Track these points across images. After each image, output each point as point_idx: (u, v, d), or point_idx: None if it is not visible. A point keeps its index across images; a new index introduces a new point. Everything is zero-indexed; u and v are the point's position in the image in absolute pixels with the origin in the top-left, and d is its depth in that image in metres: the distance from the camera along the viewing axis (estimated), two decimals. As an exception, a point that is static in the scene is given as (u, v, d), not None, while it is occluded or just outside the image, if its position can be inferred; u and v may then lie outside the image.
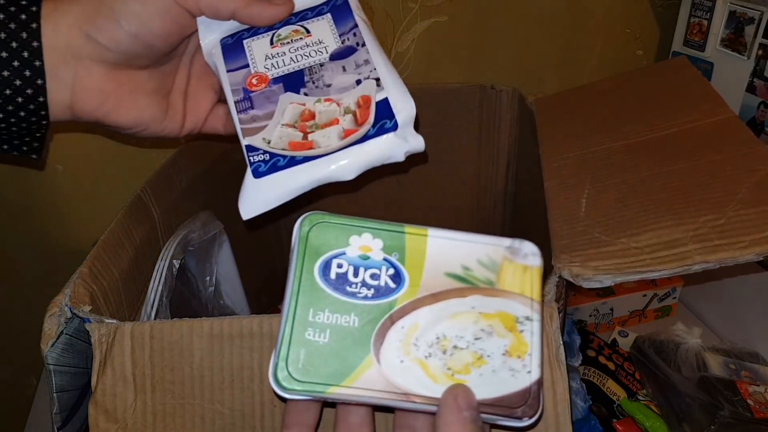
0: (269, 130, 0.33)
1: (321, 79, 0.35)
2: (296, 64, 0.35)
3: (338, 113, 0.33)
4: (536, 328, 0.27)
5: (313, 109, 0.34)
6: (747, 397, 0.54)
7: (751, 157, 0.38)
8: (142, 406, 0.31)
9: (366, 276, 0.27)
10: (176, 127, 0.39)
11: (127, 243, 0.41)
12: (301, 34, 0.36)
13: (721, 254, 0.31)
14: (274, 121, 0.34)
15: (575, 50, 0.82)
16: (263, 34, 0.37)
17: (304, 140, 0.33)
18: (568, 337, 0.57)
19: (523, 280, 0.28)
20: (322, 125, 0.33)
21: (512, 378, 0.26)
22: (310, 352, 0.26)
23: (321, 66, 0.35)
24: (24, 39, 0.32)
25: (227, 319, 0.31)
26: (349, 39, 0.36)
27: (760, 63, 0.67)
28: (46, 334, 0.32)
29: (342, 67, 0.35)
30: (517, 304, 0.27)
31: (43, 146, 0.37)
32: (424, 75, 0.77)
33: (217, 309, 0.55)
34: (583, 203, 0.38)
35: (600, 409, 0.56)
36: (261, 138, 0.33)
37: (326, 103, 0.34)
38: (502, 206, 0.65)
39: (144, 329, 0.31)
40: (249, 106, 0.34)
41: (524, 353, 0.26)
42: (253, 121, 0.34)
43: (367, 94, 0.34)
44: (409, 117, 0.33)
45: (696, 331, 0.60)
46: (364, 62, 0.35)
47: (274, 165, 0.32)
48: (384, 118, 0.33)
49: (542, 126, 0.51)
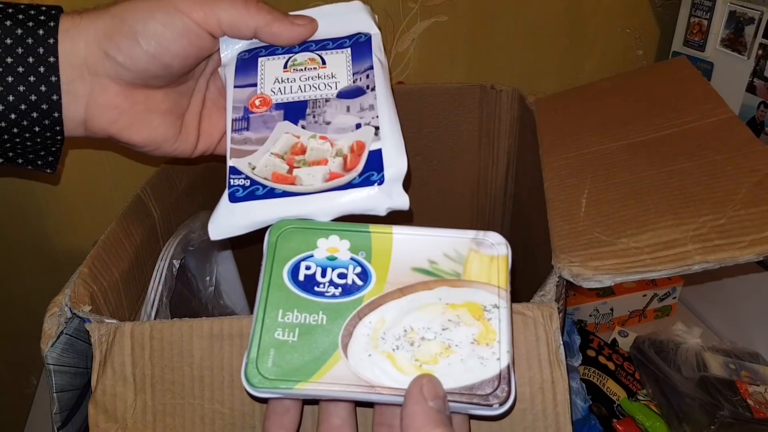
0: (257, 156, 0.33)
1: (322, 115, 0.34)
2: (302, 94, 0.35)
3: (329, 154, 0.32)
4: (504, 315, 0.27)
5: (305, 144, 0.33)
6: (747, 397, 0.54)
7: (751, 157, 0.38)
8: (142, 406, 0.31)
9: (333, 275, 0.28)
10: (189, 147, 0.39)
11: (127, 243, 0.41)
12: (317, 64, 0.36)
13: (721, 254, 0.31)
14: (265, 147, 0.33)
15: (575, 50, 0.82)
16: (280, 55, 0.36)
17: (288, 174, 0.32)
18: (568, 337, 0.57)
19: (489, 270, 0.28)
20: (310, 162, 0.32)
21: (481, 366, 0.26)
22: (279, 351, 0.26)
23: (326, 101, 0.34)
24: (40, 54, 0.32)
25: (227, 319, 0.31)
26: (362, 79, 0.35)
27: (760, 63, 0.67)
28: (46, 334, 0.32)
29: (347, 107, 0.34)
30: (484, 292, 0.28)
31: (58, 161, 0.36)
32: (424, 75, 0.77)
33: (217, 309, 0.55)
34: (583, 203, 0.38)
35: (600, 409, 0.56)
36: (247, 162, 0.32)
37: (320, 140, 0.33)
38: (502, 206, 0.65)
39: (144, 329, 0.31)
40: (245, 127, 0.34)
41: (493, 341, 0.26)
42: (245, 143, 0.33)
43: (363, 141, 0.33)
44: (399, 174, 0.32)
45: (696, 331, 0.60)
46: (369, 107, 0.34)
47: (252, 192, 0.31)
48: (372, 170, 0.31)
49: (542, 126, 0.51)
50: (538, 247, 0.43)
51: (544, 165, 0.45)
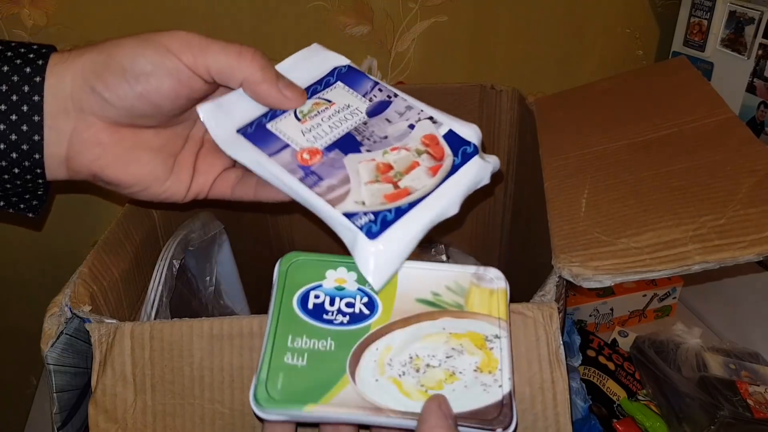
0: (356, 193, 0.30)
1: (373, 135, 0.33)
2: (339, 130, 0.33)
3: (413, 156, 0.32)
4: (505, 344, 0.28)
5: (385, 161, 0.32)
6: (747, 397, 0.53)
7: (751, 157, 0.38)
8: (142, 406, 0.31)
9: (342, 304, 0.29)
10: (181, 190, 0.36)
11: (127, 243, 0.41)
12: (325, 105, 0.35)
13: (721, 254, 0.31)
14: (354, 183, 0.31)
15: (575, 50, 0.82)
16: (283, 114, 0.34)
17: (397, 189, 0.31)
18: (568, 337, 0.57)
19: (490, 303, 0.30)
20: (404, 171, 0.31)
21: (484, 392, 0.27)
22: (288, 375, 0.27)
23: (365, 125, 0.34)
24: (25, 92, 0.31)
25: (227, 319, 0.31)
26: (377, 95, 0.35)
27: (760, 63, 0.67)
28: (46, 334, 0.32)
29: (386, 120, 0.34)
30: (485, 324, 0.29)
31: (42, 205, 0.35)
32: (424, 75, 0.77)
33: (217, 309, 0.55)
34: (583, 203, 0.38)
35: (600, 409, 0.56)
36: (353, 202, 0.30)
37: (394, 152, 0.32)
38: (502, 206, 0.65)
39: (144, 329, 0.31)
40: (318, 179, 0.31)
41: (495, 368, 0.27)
42: (333, 191, 0.31)
43: (429, 133, 0.33)
44: (479, 138, 0.33)
45: (696, 331, 0.60)
46: (407, 108, 0.34)
47: (384, 221, 0.29)
48: (462, 145, 0.33)
49: (542, 126, 0.51)
50: (538, 247, 0.43)
51: (544, 165, 0.45)
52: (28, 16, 0.62)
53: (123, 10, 0.65)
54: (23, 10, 0.62)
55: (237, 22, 0.68)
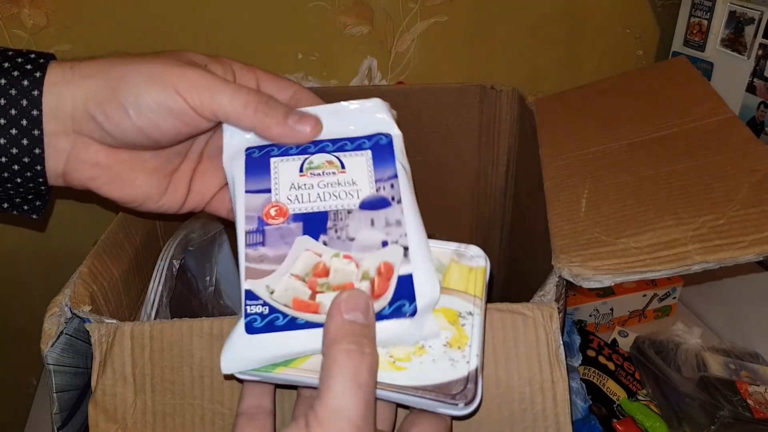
0: (275, 278, 0.29)
1: (345, 229, 0.30)
2: (322, 203, 0.31)
3: (355, 276, 0.29)
4: (477, 321, 0.28)
5: (329, 265, 0.29)
6: (747, 397, 0.54)
7: (751, 157, 0.38)
8: (142, 406, 0.31)
9: None
10: (175, 205, 0.36)
11: (127, 243, 0.41)
12: (335, 168, 0.32)
13: (721, 254, 0.31)
14: (284, 267, 0.29)
15: (575, 50, 0.82)
16: (294, 156, 0.33)
17: (311, 300, 0.28)
18: (568, 337, 0.57)
19: (467, 280, 0.30)
20: (334, 286, 0.29)
21: (451, 367, 0.27)
22: None
23: (348, 213, 0.31)
24: (24, 107, 0.30)
25: (227, 319, 0.31)
26: (385, 189, 0.32)
27: (760, 63, 0.67)
28: (46, 334, 0.32)
29: (371, 220, 0.31)
30: (460, 300, 0.29)
31: (45, 206, 0.35)
32: (424, 75, 0.77)
33: (217, 309, 0.55)
34: (583, 203, 0.38)
35: (600, 409, 0.56)
36: (265, 285, 0.29)
37: (345, 260, 0.30)
38: (502, 206, 0.65)
39: (144, 329, 0.31)
40: (260, 242, 0.30)
41: (465, 345, 0.28)
42: (261, 261, 0.30)
43: (391, 263, 0.29)
44: (431, 303, 0.29)
45: (696, 331, 0.60)
46: (396, 222, 0.31)
47: (271, 323, 0.28)
48: (403, 299, 0.28)
49: (542, 126, 0.51)
50: (538, 247, 0.43)
51: (544, 165, 0.45)
52: (28, 16, 0.62)
53: (123, 10, 0.65)
54: (23, 10, 0.62)
55: (237, 21, 0.68)
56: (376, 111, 0.35)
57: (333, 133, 0.34)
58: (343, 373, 0.24)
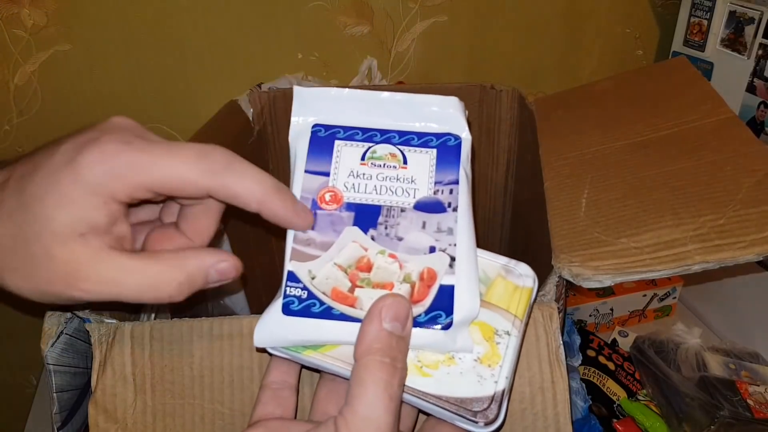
0: (319, 264, 0.29)
1: (395, 228, 0.30)
2: (377, 197, 0.31)
3: (396, 277, 0.28)
4: (513, 343, 0.28)
5: (372, 261, 0.29)
6: (747, 397, 0.54)
7: (751, 157, 0.38)
8: (142, 406, 0.31)
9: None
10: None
11: (127, 243, 0.41)
12: (397, 161, 0.32)
13: (721, 254, 0.31)
14: (329, 255, 0.29)
15: (575, 50, 0.82)
16: (359, 142, 0.32)
17: (349, 293, 0.28)
18: (568, 337, 0.57)
19: (511, 298, 0.29)
20: (374, 284, 0.28)
21: (478, 383, 0.26)
22: None
23: (402, 211, 0.30)
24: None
25: (227, 319, 0.31)
26: (443, 193, 0.31)
27: (760, 63, 0.67)
28: (46, 334, 0.32)
29: (423, 222, 0.30)
30: (499, 317, 0.28)
31: None
32: (424, 75, 0.77)
33: (217, 309, 0.55)
34: (583, 203, 0.38)
35: (600, 409, 0.56)
36: (307, 269, 0.29)
37: (389, 258, 0.29)
38: (502, 206, 0.65)
39: (144, 329, 0.31)
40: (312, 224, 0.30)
41: (496, 363, 0.27)
42: (308, 245, 0.29)
43: (436, 270, 0.29)
44: (469, 318, 0.28)
45: (696, 331, 0.60)
46: (448, 230, 0.30)
47: (307, 308, 0.28)
48: (440, 309, 0.28)
49: (542, 126, 0.51)
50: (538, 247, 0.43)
51: (544, 165, 0.45)
52: (28, 16, 0.62)
53: (123, 10, 0.65)
54: (23, 10, 0.62)
55: (237, 21, 0.68)
56: (452, 108, 0.33)
57: (403, 125, 0.33)
58: (376, 384, 0.24)
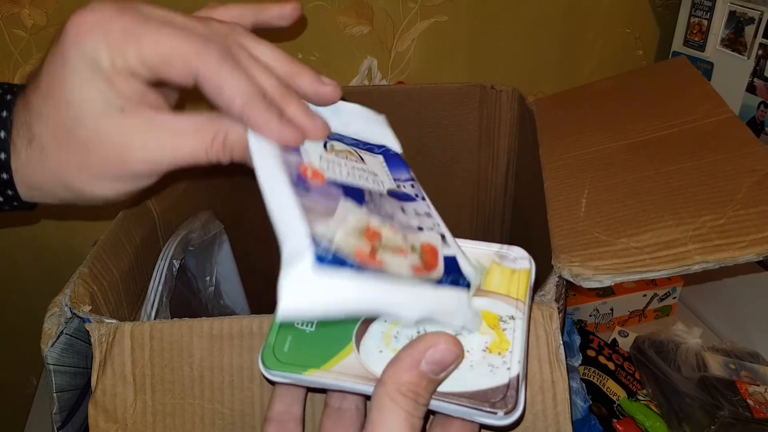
0: (332, 228, 0.25)
1: (382, 207, 0.28)
2: (354, 180, 0.29)
3: (405, 246, 0.27)
4: (519, 326, 0.27)
5: (378, 230, 0.27)
6: (747, 397, 0.54)
7: (751, 157, 0.38)
8: (142, 406, 0.31)
9: None
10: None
11: (127, 243, 0.41)
12: (355, 158, 0.31)
13: (721, 254, 0.31)
14: (336, 220, 0.26)
15: (575, 50, 0.82)
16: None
17: (372, 255, 0.25)
18: (568, 337, 0.57)
19: (510, 282, 0.29)
20: (391, 249, 0.26)
21: (491, 373, 0.26)
22: (296, 339, 0.27)
23: (380, 196, 0.29)
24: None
25: (227, 319, 0.31)
26: (406, 187, 0.31)
27: (760, 63, 0.67)
28: (46, 334, 0.32)
29: (401, 208, 0.29)
30: (501, 303, 0.28)
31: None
32: (424, 75, 0.77)
33: (217, 309, 0.55)
34: (583, 203, 0.38)
35: (600, 409, 0.56)
36: (323, 229, 0.25)
37: (391, 229, 0.27)
38: (502, 206, 0.65)
39: (144, 329, 0.31)
40: (306, 192, 0.26)
41: (505, 350, 0.26)
42: (311, 210, 0.25)
43: (433, 244, 0.28)
44: (476, 285, 0.28)
45: (696, 331, 0.60)
46: (426, 214, 0.29)
47: (340, 260, 0.24)
48: (456, 273, 0.27)
49: (542, 126, 0.51)
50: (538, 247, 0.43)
51: (544, 165, 0.45)
52: (28, 16, 0.62)
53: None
54: (23, 10, 0.62)
55: (237, 22, 0.68)
56: (383, 125, 0.34)
57: (345, 130, 0.32)
58: (401, 415, 0.24)
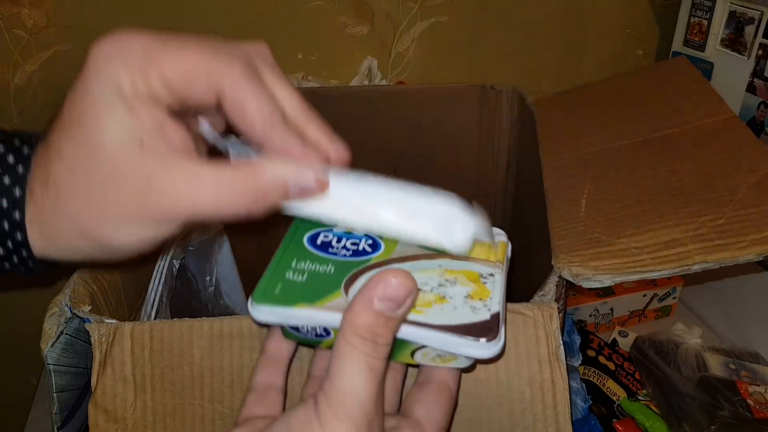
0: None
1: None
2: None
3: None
4: (498, 279, 0.29)
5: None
6: (747, 397, 0.53)
7: (751, 157, 0.38)
8: (142, 406, 0.31)
9: (347, 242, 0.30)
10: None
11: (127, 243, 0.41)
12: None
13: (721, 254, 0.31)
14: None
15: (575, 50, 0.82)
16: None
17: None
18: (568, 337, 0.57)
19: (489, 251, 0.30)
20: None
21: (472, 313, 0.27)
22: (286, 286, 0.28)
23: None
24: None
25: (227, 319, 0.31)
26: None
27: (760, 63, 0.67)
28: (46, 334, 0.32)
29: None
30: (481, 265, 0.29)
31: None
32: (424, 75, 0.77)
33: (217, 309, 0.55)
34: (583, 203, 0.38)
35: (600, 409, 0.56)
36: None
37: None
38: (502, 206, 0.65)
39: (144, 329, 0.31)
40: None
41: (486, 297, 0.28)
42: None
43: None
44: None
45: (696, 331, 0.60)
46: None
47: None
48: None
49: (542, 126, 0.51)
50: (538, 247, 0.43)
51: (544, 165, 0.45)
52: (28, 16, 0.62)
53: (123, 11, 0.65)
54: (23, 10, 0.62)
55: (236, 21, 0.68)
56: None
57: None
58: (356, 357, 0.23)
